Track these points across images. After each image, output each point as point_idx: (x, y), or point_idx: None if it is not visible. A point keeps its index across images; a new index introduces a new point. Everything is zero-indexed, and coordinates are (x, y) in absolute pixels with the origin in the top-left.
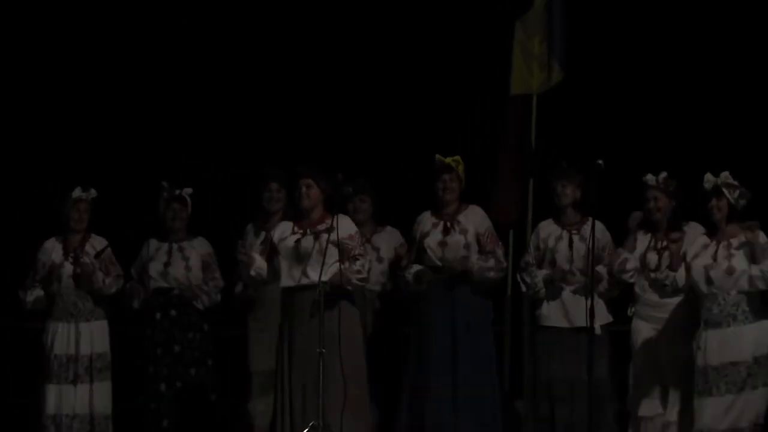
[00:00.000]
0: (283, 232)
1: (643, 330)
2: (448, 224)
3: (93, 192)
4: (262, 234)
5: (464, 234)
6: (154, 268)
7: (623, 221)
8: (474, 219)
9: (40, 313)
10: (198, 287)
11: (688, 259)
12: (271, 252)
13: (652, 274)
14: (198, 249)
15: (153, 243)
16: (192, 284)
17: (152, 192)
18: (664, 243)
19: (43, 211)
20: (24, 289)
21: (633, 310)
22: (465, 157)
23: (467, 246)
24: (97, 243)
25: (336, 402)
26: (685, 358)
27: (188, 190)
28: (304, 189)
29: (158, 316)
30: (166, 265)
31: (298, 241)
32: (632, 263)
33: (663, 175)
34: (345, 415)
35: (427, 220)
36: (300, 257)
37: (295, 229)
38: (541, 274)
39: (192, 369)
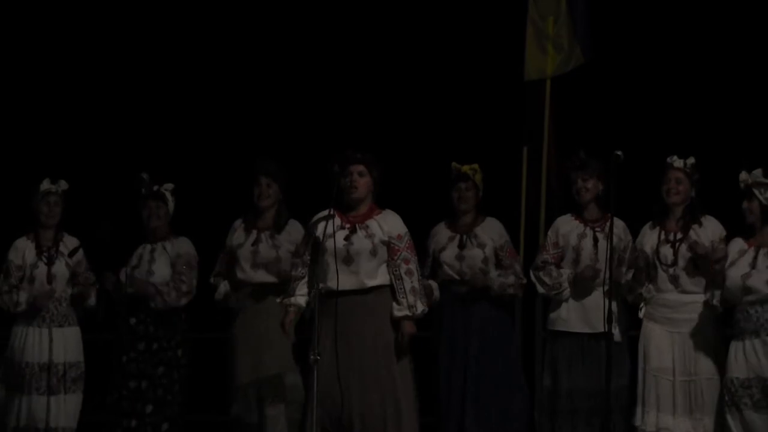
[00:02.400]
0: (328, 227)
1: (656, 334)
2: (464, 237)
3: (63, 184)
4: (253, 233)
5: (482, 248)
6: (126, 271)
7: (645, 218)
8: (492, 232)
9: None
10: (153, 285)
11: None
12: (314, 249)
13: (671, 270)
14: (171, 251)
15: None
16: (150, 283)
17: (132, 187)
18: (678, 235)
19: (11, 208)
20: (8, 295)
21: (643, 311)
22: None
23: (485, 260)
24: (69, 243)
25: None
26: (710, 368)
27: (169, 186)
28: (354, 177)
29: (133, 321)
30: (135, 267)
31: (347, 238)
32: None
33: (691, 160)
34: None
35: (442, 232)
36: (350, 257)
37: (343, 223)
38: (566, 273)
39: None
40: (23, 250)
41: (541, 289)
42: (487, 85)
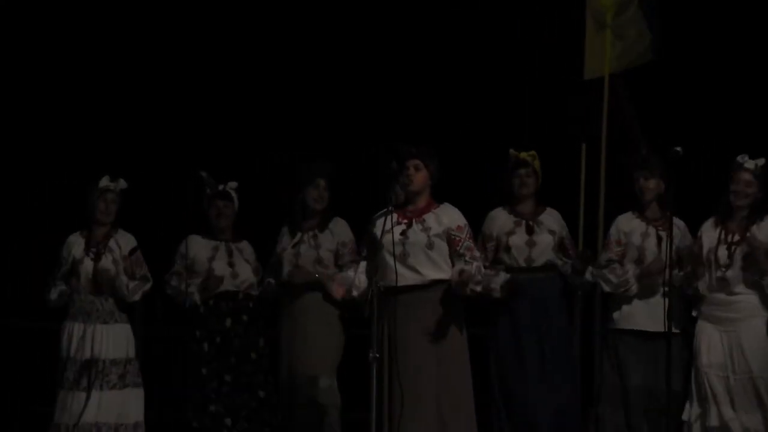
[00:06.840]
0: (386, 223)
1: (708, 333)
2: (531, 223)
3: (122, 183)
4: (299, 235)
5: (553, 235)
6: (220, 268)
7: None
8: (556, 222)
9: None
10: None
11: None
12: (372, 247)
13: (722, 271)
14: (249, 252)
15: (195, 239)
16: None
17: (187, 184)
18: (736, 237)
19: (65, 207)
20: (48, 287)
21: (697, 311)
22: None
23: (555, 248)
24: (122, 239)
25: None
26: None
27: (233, 184)
28: (411, 171)
29: (229, 322)
30: (232, 265)
31: (403, 233)
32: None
33: (761, 162)
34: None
35: (504, 217)
36: (405, 251)
37: (400, 219)
38: (631, 269)
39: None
40: (73, 245)
41: (606, 287)
42: (548, 79)
